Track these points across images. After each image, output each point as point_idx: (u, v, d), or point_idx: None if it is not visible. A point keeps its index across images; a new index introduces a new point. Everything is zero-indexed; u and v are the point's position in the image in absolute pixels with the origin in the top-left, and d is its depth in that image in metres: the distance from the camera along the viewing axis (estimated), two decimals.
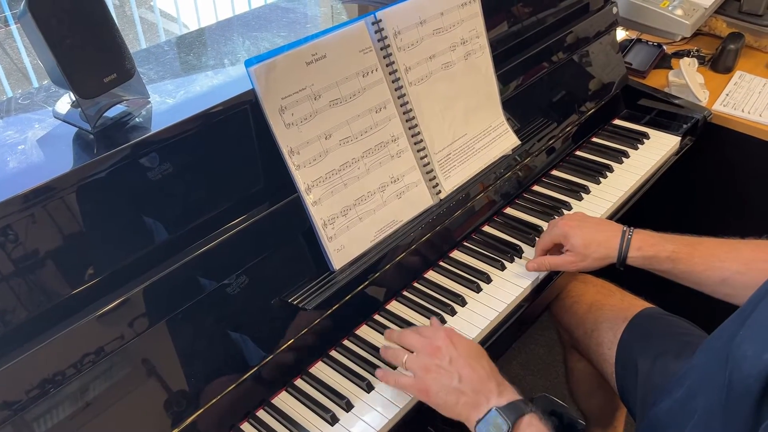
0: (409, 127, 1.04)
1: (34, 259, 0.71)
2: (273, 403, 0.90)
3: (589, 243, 1.00)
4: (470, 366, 0.82)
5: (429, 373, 0.82)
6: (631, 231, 1.00)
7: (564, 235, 1.02)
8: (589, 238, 1.00)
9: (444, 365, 0.82)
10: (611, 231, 1.01)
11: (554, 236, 1.04)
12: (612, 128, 1.47)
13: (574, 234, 1.01)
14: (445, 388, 0.81)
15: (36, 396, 0.70)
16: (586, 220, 1.05)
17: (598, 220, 1.06)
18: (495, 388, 0.80)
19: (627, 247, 0.98)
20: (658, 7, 1.59)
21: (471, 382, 0.80)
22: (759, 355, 0.59)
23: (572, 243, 1.01)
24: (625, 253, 0.98)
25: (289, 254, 0.93)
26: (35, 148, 0.79)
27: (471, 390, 0.80)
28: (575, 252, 1.01)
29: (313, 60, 0.90)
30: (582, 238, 1.01)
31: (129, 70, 0.79)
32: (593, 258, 1.00)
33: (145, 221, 0.80)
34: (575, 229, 1.02)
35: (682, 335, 1.06)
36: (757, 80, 1.59)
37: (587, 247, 1.00)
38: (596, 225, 1.03)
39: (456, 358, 0.82)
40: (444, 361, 0.83)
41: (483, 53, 1.14)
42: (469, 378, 0.81)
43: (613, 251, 0.99)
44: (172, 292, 0.80)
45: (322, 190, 0.93)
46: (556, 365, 1.89)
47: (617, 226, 1.02)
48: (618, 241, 0.99)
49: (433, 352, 0.84)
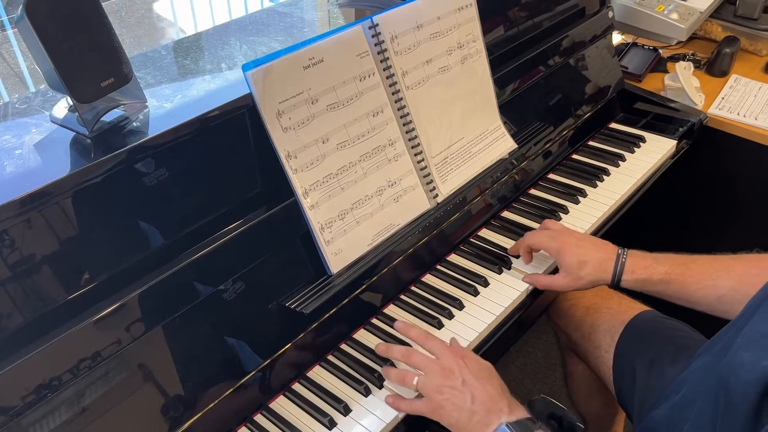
0: (406, 131, 1.04)
1: (30, 264, 0.71)
2: (271, 408, 0.90)
3: (583, 265, 1.00)
4: (482, 386, 0.83)
5: (442, 395, 0.83)
6: (625, 254, 0.99)
7: (558, 251, 1.02)
8: (584, 259, 1.00)
9: (457, 386, 0.83)
10: (606, 253, 1.00)
11: (547, 245, 1.04)
12: (608, 132, 1.48)
13: (570, 253, 1.00)
14: (457, 408, 0.82)
15: (32, 401, 0.70)
16: (583, 240, 1.04)
17: (594, 240, 1.05)
18: (506, 407, 0.81)
19: (621, 271, 0.98)
20: (654, 11, 1.59)
21: (483, 402, 0.81)
22: (756, 362, 0.60)
23: (566, 262, 1.01)
24: (619, 276, 0.98)
25: (286, 258, 0.92)
26: (32, 153, 0.79)
27: (483, 410, 0.81)
28: (569, 272, 1.01)
29: (310, 64, 0.90)
30: (577, 258, 1.00)
31: (126, 75, 0.79)
32: (587, 280, 1.00)
33: (141, 226, 0.80)
34: (571, 248, 1.01)
35: (680, 338, 1.06)
36: (752, 84, 1.60)
37: (581, 269, 1.00)
38: (591, 245, 1.02)
39: (468, 378, 0.83)
40: (457, 382, 0.83)
41: (479, 57, 1.15)
42: (481, 398, 0.81)
43: (607, 274, 0.99)
44: (169, 296, 0.80)
45: (320, 194, 0.93)
46: (554, 368, 1.89)
47: (612, 247, 1.01)
48: (612, 264, 0.99)
49: (447, 375, 0.84)
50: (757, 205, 1.57)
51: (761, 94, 1.56)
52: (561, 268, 1.02)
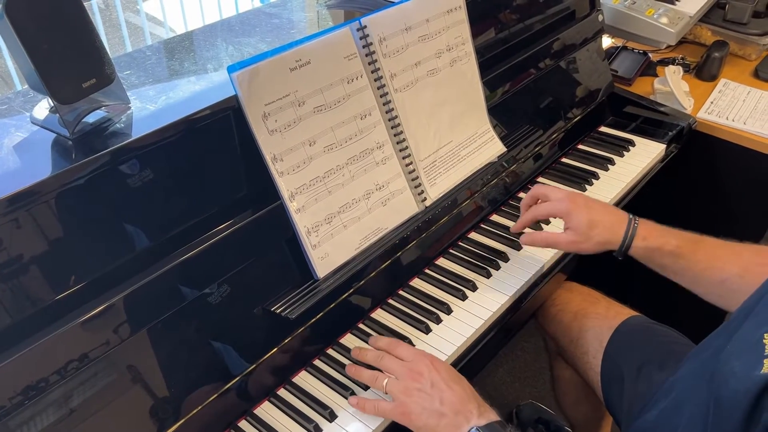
0: (395, 134, 1.03)
1: (10, 268, 0.70)
2: (255, 414, 0.89)
3: (594, 224, 0.96)
4: (451, 389, 0.81)
5: (410, 397, 0.82)
6: (636, 220, 0.97)
7: (567, 212, 0.98)
8: (595, 219, 0.96)
9: (426, 389, 0.82)
10: (617, 216, 0.97)
11: (555, 210, 1.00)
12: (598, 135, 1.47)
13: (580, 213, 0.97)
14: (426, 410, 0.81)
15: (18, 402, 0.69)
16: (591, 201, 1.01)
17: (604, 204, 1.02)
18: (475, 410, 0.80)
19: (633, 235, 0.95)
20: (644, 15, 1.60)
21: (452, 405, 0.80)
22: (747, 372, 0.59)
23: (576, 221, 0.97)
24: (630, 241, 0.95)
25: (272, 262, 0.91)
26: (11, 155, 0.77)
27: (452, 412, 0.80)
28: (577, 231, 0.97)
29: (297, 66, 0.89)
30: (587, 218, 0.96)
31: (109, 75, 0.77)
32: (595, 241, 0.96)
33: (125, 229, 0.79)
34: (581, 208, 0.98)
35: (668, 344, 1.06)
36: (741, 88, 1.61)
37: (591, 229, 0.96)
38: (603, 207, 1.00)
39: (437, 381, 0.82)
40: (426, 385, 0.82)
41: (469, 60, 1.14)
42: (450, 400, 0.80)
43: (617, 237, 0.95)
44: (154, 300, 0.79)
45: (306, 197, 0.92)
46: (542, 372, 1.89)
47: (623, 212, 0.99)
48: (624, 227, 0.96)
49: (415, 377, 0.83)
50: (746, 209, 1.57)
51: (750, 98, 1.56)
52: (569, 227, 0.98)
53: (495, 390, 1.80)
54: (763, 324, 0.62)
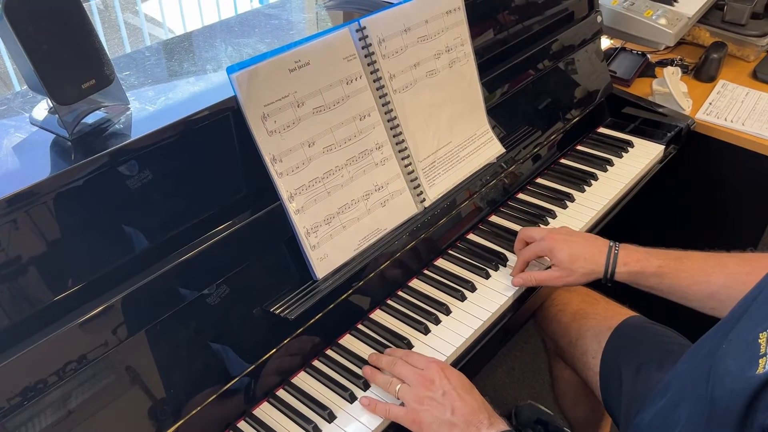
0: (394, 135, 1.03)
1: (8, 269, 0.70)
2: (254, 414, 0.89)
3: (576, 258, 1.00)
4: (462, 399, 0.82)
5: (422, 405, 0.83)
6: (617, 246, 1.00)
7: (550, 249, 1.02)
8: (576, 253, 1.00)
9: (437, 398, 0.82)
10: (597, 247, 1.00)
11: (539, 250, 1.04)
12: (597, 136, 1.48)
13: (560, 248, 1.00)
14: (437, 420, 0.81)
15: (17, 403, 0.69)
16: (572, 235, 1.05)
17: (584, 235, 1.06)
18: (486, 420, 0.81)
19: (614, 263, 0.98)
20: (642, 16, 1.60)
21: (463, 415, 0.81)
22: (742, 371, 0.59)
23: (558, 258, 1.00)
24: (612, 269, 0.98)
25: (271, 263, 0.91)
26: (11, 155, 0.77)
27: (463, 422, 0.80)
28: (561, 267, 1.01)
29: (296, 67, 0.89)
30: (568, 253, 1.00)
31: (108, 76, 0.77)
32: (579, 273, 1.00)
33: (124, 229, 0.79)
34: (561, 243, 1.01)
35: (666, 344, 1.06)
36: (739, 89, 1.61)
37: (573, 263, 1.00)
38: (582, 240, 1.03)
39: (449, 390, 0.83)
40: (437, 393, 0.83)
41: (468, 61, 1.14)
42: (461, 410, 0.81)
43: (600, 267, 0.99)
44: (152, 301, 0.79)
45: (305, 198, 0.92)
46: (542, 372, 1.89)
47: (603, 241, 1.02)
48: (604, 257, 0.99)
49: (427, 385, 0.84)
50: (744, 209, 1.58)
51: (748, 99, 1.56)
52: (554, 264, 1.02)
53: (494, 390, 1.80)
54: (758, 324, 0.62)
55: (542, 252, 1.04)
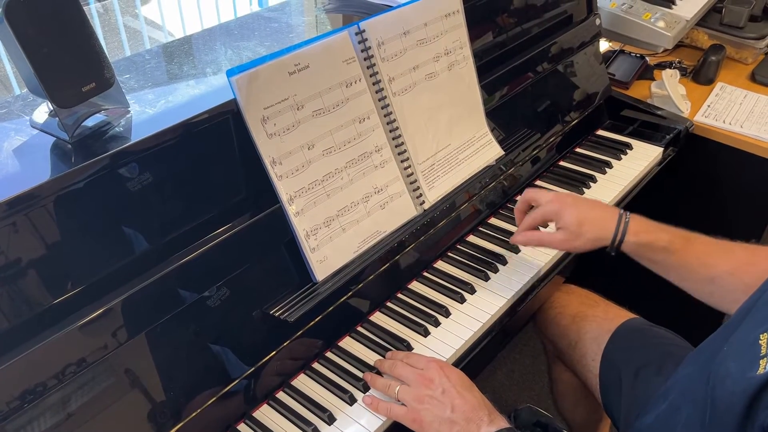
0: (393, 138, 1.04)
1: (9, 271, 0.70)
2: (254, 417, 0.89)
3: (584, 221, 0.96)
4: (462, 396, 0.82)
5: (422, 404, 0.83)
6: (627, 215, 0.96)
7: (556, 212, 0.98)
8: (584, 216, 0.96)
9: (437, 396, 0.83)
10: (607, 212, 0.97)
11: (546, 212, 1.00)
12: (595, 139, 1.48)
13: (568, 212, 0.97)
14: (438, 418, 0.81)
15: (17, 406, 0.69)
16: (581, 199, 1.02)
17: (594, 201, 1.02)
18: (486, 417, 0.81)
19: (624, 231, 0.95)
20: (641, 19, 1.60)
21: (463, 412, 0.81)
22: (742, 373, 0.59)
23: (565, 220, 0.97)
24: (622, 237, 0.95)
25: (270, 265, 0.92)
26: (11, 158, 0.77)
27: (463, 419, 0.80)
28: (568, 230, 0.97)
29: (295, 70, 0.89)
30: (576, 216, 0.96)
31: (108, 79, 0.78)
32: (586, 238, 0.96)
33: (124, 232, 0.79)
34: (570, 207, 0.98)
35: (666, 346, 1.06)
36: (738, 92, 1.61)
37: (581, 226, 0.96)
38: (592, 205, 1.00)
39: (449, 388, 0.83)
40: (437, 392, 0.83)
41: (466, 64, 1.14)
42: (461, 408, 0.81)
43: (609, 233, 0.95)
44: (152, 303, 0.79)
45: (305, 200, 0.92)
46: (541, 375, 1.89)
47: (613, 208, 0.99)
48: (614, 223, 0.95)
49: (426, 384, 0.84)
50: (742, 211, 1.58)
51: (746, 102, 1.57)
52: (561, 227, 0.98)
53: (493, 393, 1.80)
54: (759, 325, 0.62)
55: (549, 215, 1.00)
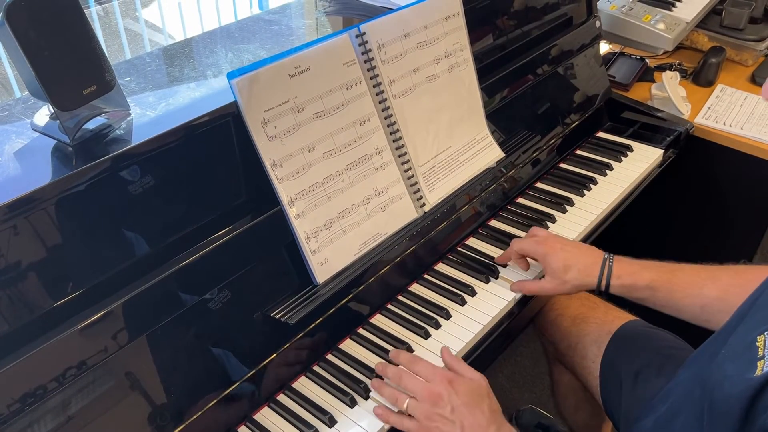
0: (393, 140, 1.04)
1: (10, 274, 0.70)
2: (255, 419, 0.89)
3: (568, 268, 1.00)
4: (472, 414, 0.82)
5: (432, 422, 0.83)
6: (611, 259, 1.00)
7: (544, 255, 1.02)
8: (569, 263, 1.00)
9: (446, 414, 0.82)
10: (592, 257, 1.00)
11: (534, 251, 1.04)
12: (596, 141, 1.48)
13: (555, 256, 1.01)
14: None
15: (17, 410, 0.69)
16: (568, 245, 1.04)
17: (580, 246, 1.05)
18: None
19: (609, 276, 0.98)
20: (641, 21, 1.60)
21: (472, 430, 0.81)
22: (740, 375, 0.59)
23: (552, 266, 1.01)
24: (607, 281, 0.98)
25: (271, 268, 0.92)
26: (12, 161, 0.77)
27: None
28: (554, 276, 1.01)
29: (296, 72, 0.89)
30: (562, 261, 1.00)
31: (109, 82, 0.78)
32: (571, 285, 1.00)
33: (125, 234, 0.79)
34: (557, 252, 1.01)
35: (666, 348, 1.06)
36: (738, 93, 1.61)
37: (566, 272, 1.00)
38: (577, 250, 1.03)
39: (458, 406, 0.83)
40: (446, 410, 0.83)
41: (467, 66, 1.15)
42: (470, 426, 0.81)
43: (593, 279, 0.99)
44: (154, 305, 0.79)
45: (306, 203, 0.92)
46: (542, 377, 1.88)
47: (598, 253, 1.02)
48: (598, 268, 0.99)
49: (435, 401, 0.84)
50: (743, 213, 1.58)
51: (746, 103, 1.57)
52: (547, 272, 1.02)
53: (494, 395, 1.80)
54: (755, 327, 0.62)
55: (536, 254, 1.04)
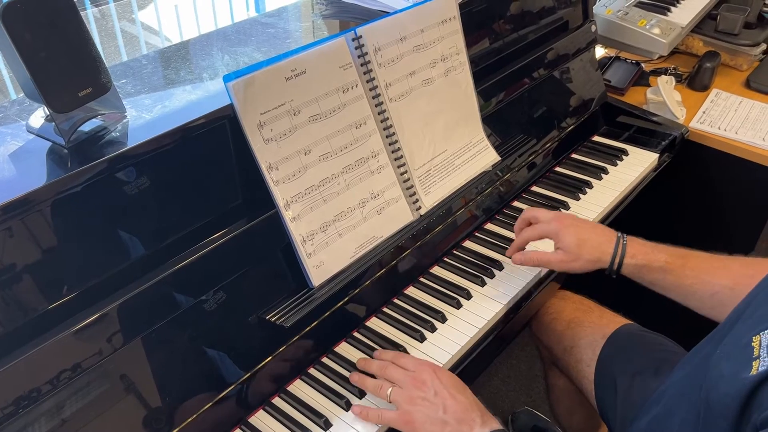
0: (390, 143, 1.04)
1: (5, 276, 0.70)
2: (250, 422, 0.89)
3: (583, 243, 0.98)
4: (454, 397, 0.82)
5: (414, 406, 0.82)
6: (625, 237, 0.98)
7: (556, 232, 1.00)
8: (584, 238, 0.98)
9: (429, 397, 0.82)
10: (606, 235, 0.99)
11: (545, 231, 1.02)
12: (591, 144, 1.48)
13: (568, 233, 0.98)
14: (430, 419, 0.81)
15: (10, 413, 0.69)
16: (580, 221, 1.03)
17: (593, 223, 1.04)
18: (478, 418, 0.80)
19: (623, 254, 0.96)
20: (636, 25, 1.61)
21: (455, 413, 0.80)
22: (736, 374, 0.59)
23: (565, 242, 0.98)
24: (621, 259, 0.96)
25: (267, 270, 0.92)
26: (7, 163, 0.77)
27: (455, 420, 0.80)
28: (568, 251, 0.98)
29: (292, 75, 0.89)
30: (576, 237, 0.98)
31: (105, 84, 0.78)
32: (585, 260, 0.98)
33: (121, 237, 0.79)
34: (569, 228, 0.99)
35: (661, 352, 1.07)
36: (732, 98, 1.62)
37: (580, 247, 0.98)
38: (591, 227, 1.01)
39: (441, 390, 0.82)
40: (429, 393, 0.83)
41: (463, 70, 1.15)
42: (453, 409, 0.81)
43: (607, 255, 0.97)
44: (149, 308, 0.79)
45: (302, 206, 0.92)
46: (537, 381, 1.89)
47: (611, 231, 1.00)
48: (612, 246, 0.97)
49: (419, 385, 0.84)
50: (737, 217, 1.58)
51: (741, 108, 1.58)
52: (560, 247, 1.00)
53: (489, 399, 1.80)
54: (752, 328, 0.63)
55: (548, 234, 1.01)
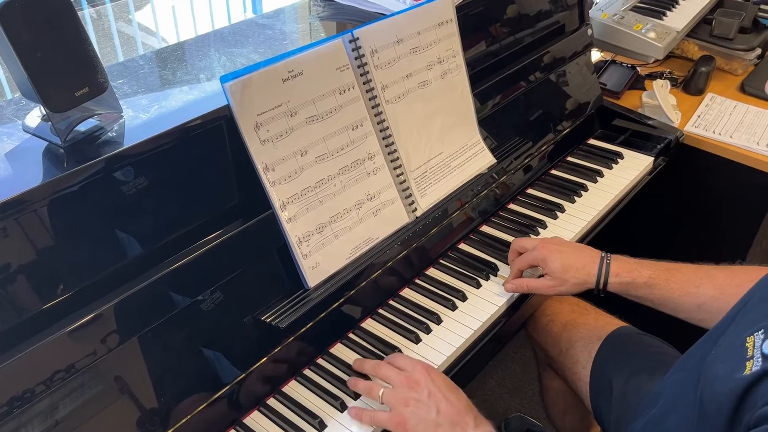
0: (386, 145, 1.04)
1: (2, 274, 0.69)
2: (245, 423, 0.89)
3: (568, 268, 1.01)
4: (448, 400, 0.82)
5: (407, 407, 0.82)
6: (608, 257, 1.01)
7: (543, 259, 1.03)
8: (568, 263, 1.01)
9: (422, 399, 0.82)
10: (590, 257, 1.02)
11: (532, 259, 1.05)
12: (587, 148, 1.49)
13: (553, 258, 1.02)
14: (423, 421, 0.81)
15: (4, 413, 0.69)
16: (565, 245, 1.06)
17: (577, 246, 1.07)
18: (471, 421, 0.80)
19: (607, 274, 0.99)
20: (632, 29, 1.62)
21: (448, 415, 0.80)
22: (730, 374, 0.60)
23: (551, 267, 1.02)
24: (605, 279, 0.99)
25: (263, 271, 0.92)
26: (3, 162, 0.77)
27: (448, 422, 0.80)
28: (554, 276, 1.02)
29: (289, 77, 0.89)
30: (560, 262, 1.01)
31: (101, 84, 0.78)
32: (571, 283, 1.01)
33: (117, 236, 0.79)
34: (554, 254, 1.02)
35: (656, 354, 1.07)
36: (727, 102, 1.63)
37: (566, 272, 1.01)
38: (576, 250, 1.04)
39: (434, 391, 0.82)
40: (422, 394, 0.82)
41: (459, 72, 1.15)
42: (446, 411, 0.81)
43: (592, 277, 1.00)
44: (145, 308, 0.79)
45: (298, 207, 0.92)
46: (532, 383, 1.89)
47: (595, 252, 1.03)
48: (596, 267, 1.00)
49: (412, 386, 0.83)
50: (732, 220, 1.59)
51: (736, 112, 1.58)
52: (546, 273, 1.03)
53: (484, 401, 1.80)
54: (746, 329, 0.63)
55: (535, 261, 1.05)
